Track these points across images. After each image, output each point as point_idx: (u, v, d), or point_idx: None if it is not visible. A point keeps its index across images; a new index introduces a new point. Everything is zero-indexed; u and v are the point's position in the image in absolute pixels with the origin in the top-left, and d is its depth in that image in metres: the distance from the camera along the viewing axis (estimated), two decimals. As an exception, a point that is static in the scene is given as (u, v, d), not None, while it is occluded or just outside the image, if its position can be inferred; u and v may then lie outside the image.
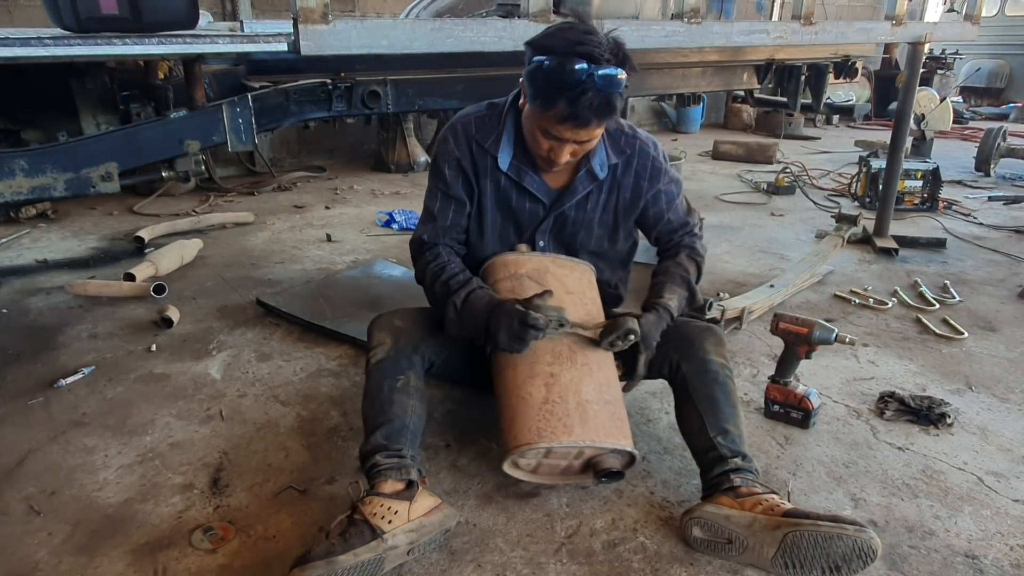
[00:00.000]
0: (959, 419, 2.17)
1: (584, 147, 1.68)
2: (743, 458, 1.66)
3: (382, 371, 1.75)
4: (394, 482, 1.58)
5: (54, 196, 2.01)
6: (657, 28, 2.36)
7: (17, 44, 1.55)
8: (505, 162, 1.80)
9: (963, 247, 3.91)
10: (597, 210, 1.88)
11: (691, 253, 1.95)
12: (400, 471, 1.60)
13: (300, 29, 1.72)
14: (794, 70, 3.62)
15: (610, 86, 1.53)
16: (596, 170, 1.81)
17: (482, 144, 1.80)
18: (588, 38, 1.54)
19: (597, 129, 1.63)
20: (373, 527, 1.48)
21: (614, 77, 1.53)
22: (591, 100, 1.52)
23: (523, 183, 1.82)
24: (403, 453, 1.64)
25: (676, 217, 1.96)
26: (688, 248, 1.96)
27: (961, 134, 7.78)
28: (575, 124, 1.57)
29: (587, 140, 1.65)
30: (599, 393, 1.67)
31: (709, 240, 3.88)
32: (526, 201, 1.86)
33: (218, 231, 4.10)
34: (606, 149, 1.81)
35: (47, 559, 1.58)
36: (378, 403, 1.71)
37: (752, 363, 2.51)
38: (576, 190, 1.83)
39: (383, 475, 1.59)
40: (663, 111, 8.36)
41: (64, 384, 2.31)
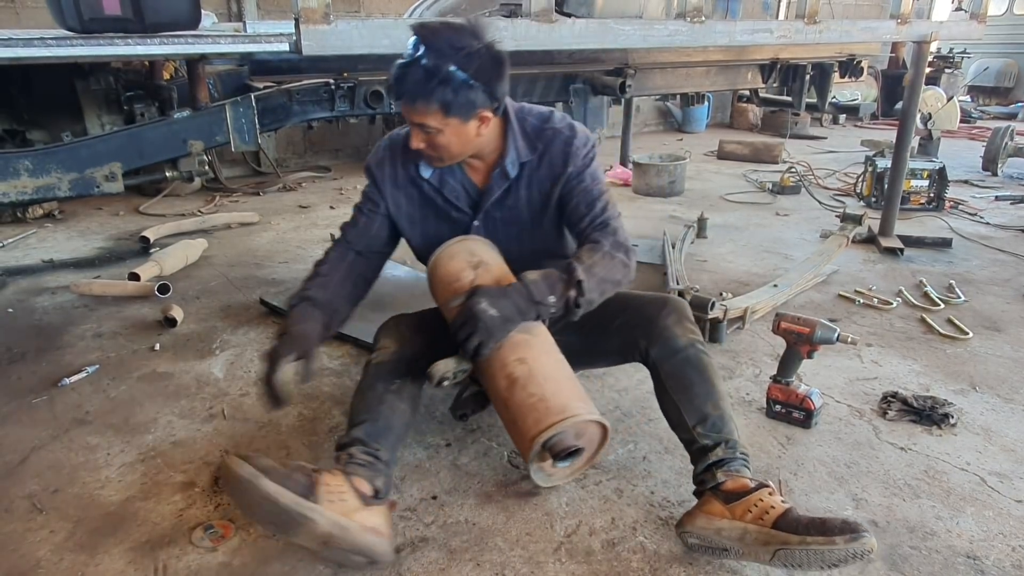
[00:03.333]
0: (962, 419, 2.16)
1: (434, 140, 1.65)
2: (727, 444, 1.63)
3: (379, 373, 1.75)
4: (362, 480, 1.55)
5: (58, 196, 2.02)
6: (660, 27, 2.36)
7: (21, 45, 1.56)
8: (428, 170, 1.81)
9: (969, 247, 3.89)
10: (520, 208, 1.84)
11: (593, 247, 1.71)
12: (371, 472, 1.58)
13: (302, 29, 1.73)
14: (799, 69, 3.60)
15: (430, 72, 1.55)
16: (508, 169, 1.78)
17: (406, 154, 1.79)
18: (445, 30, 1.59)
19: (420, 112, 1.60)
20: (317, 494, 1.45)
21: (441, 69, 1.55)
22: (409, 76, 1.56)
23: (445, 193, 1.83)
24: (380, 456, 1.62)
25: (584, 205, 1.77)
26: (591, 242, 1.72)
27: (968, 133, 7.74)
28: (392, 94, 1.63)
29: (422, 124, 1.62)
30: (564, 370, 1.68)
31: (714, 240, 3.93)
32: (452, 209, 1.85)
33: (223, 231, 4.11)
34: (516, 148, 1.77)
35: (49, 556, 1.59)
36: (368, 400, 1.71)
37: (755, 363, 2.51)
38: (492, 190, 1.81)
39: (354, 470, 1.56)
40: (668, 111, 8.35)
41: (68, 383, 2.32)
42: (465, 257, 1.75)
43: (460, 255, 1.76)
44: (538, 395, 1.58)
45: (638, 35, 2.32)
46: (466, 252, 1.77)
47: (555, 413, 1.55)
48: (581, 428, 1.62)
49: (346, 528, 1.45)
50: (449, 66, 1.55)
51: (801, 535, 1.45)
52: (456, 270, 1.73)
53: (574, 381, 1.67)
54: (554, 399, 1.57)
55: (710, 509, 1.57)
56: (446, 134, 1.64)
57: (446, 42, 1.57)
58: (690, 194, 5.11)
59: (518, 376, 1.60)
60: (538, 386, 1.59)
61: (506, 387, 1.61)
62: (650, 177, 5.07)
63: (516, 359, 1.61)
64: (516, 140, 1.78)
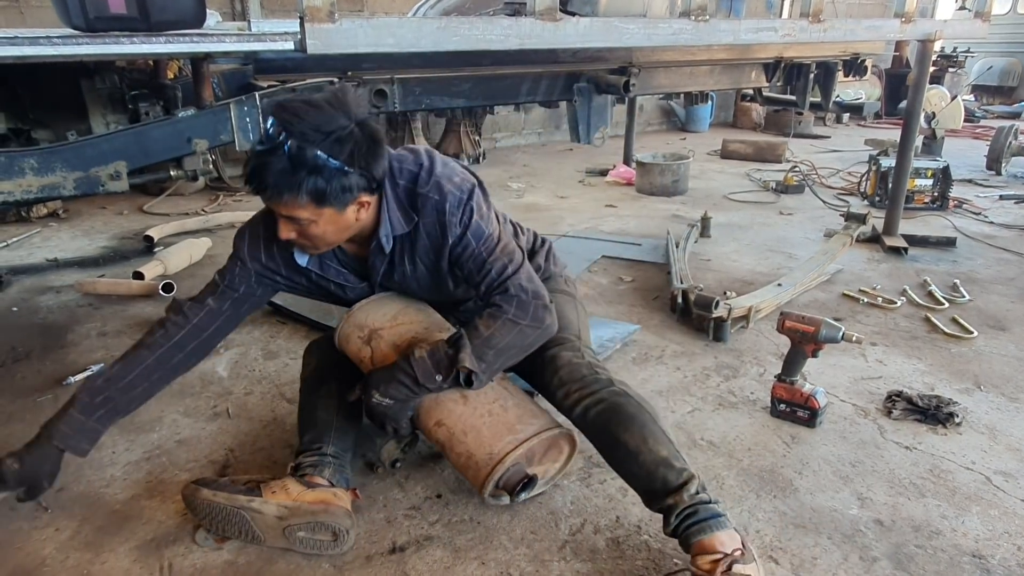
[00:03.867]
0: (967, 418, 2.16)
1: (307, 231, 1.50)
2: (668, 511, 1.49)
3: (307, 388, 1.85)
4: (311, 477, 1.63)
5: (63, 195, 2.01)
6: (664, 26, 2.35)
7: (27, 43, 1.56)
8: (303, 260, 1.67)
9: (973, 246, 3.88)
10: (409, 279, 1.75)
11: (494, 312, 1.60)
12: (316, 468, 1.65)
13: (307, 28, 1.73)
14: (803, 68, 3.60)
15: (297, 161, 1.40)
16: (383, 243, 1.63)
17: (278, 242, 1.60)
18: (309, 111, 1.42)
19: (286, 205, 1.45)
20: (256, 486, 1.59)
21: (307, 155, 1.40)
22: (271, 166, 1.40)
23: (329, 276, 1.73)
24: (324, 451, 1.69)
25: (477, 270, 1.64)
26: (492, 307, 1.62)
27: (972, 133, 7.72)
28: (254, 190, 1.45)
29: (290, 216, 1.47)
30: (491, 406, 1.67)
31: (718, 239, 3.93)
32: (345, 288, 1.77)
33: (227, 230, 4.11)
34: (391, 221, 1.61)
35: (54, 555, 1.60)
36: (305, 413, 1.81)
37: (759, 362, 2.50)
38: (375, 266, 1.71)
39: (304, 471, 1.65)
40: (671, 110, 8.34)
41: (73, 381, 2.32)
42: (356, 334, 1.75)
43: (351, 335, 1.76)
44: (464, 453, 1.63)
45: (642, 34, 2.31)
46: (355, 328, 1.76)
47: (484, 466, 1.59)
48: (527, 453, 1.64)
49: (289, 507, 1.55)
50: (317, 152, 1.40)
51: None
52: (355, 352, 1.77)
53: (497, 413, 1.64)
54: (479, 451, 1.61)
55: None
56: (320, 224, 1.49)
57: (310, 126, 1.40)
58: (694, 193, 5.11)
59: (442, 441, 1.66)
60: (461, 444, 1.63)
61: (441, 451, 1.70)
62: (653, 176, 5.07)
63: (434, 424, 1.66)
64: (390, 212, 1.60)
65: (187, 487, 1.60)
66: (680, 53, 3.11)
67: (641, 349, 2.60)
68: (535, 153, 6.93)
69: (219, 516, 1.56)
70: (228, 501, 1.55)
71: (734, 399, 2.26)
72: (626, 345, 2.62)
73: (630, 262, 3.57)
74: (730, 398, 2.27)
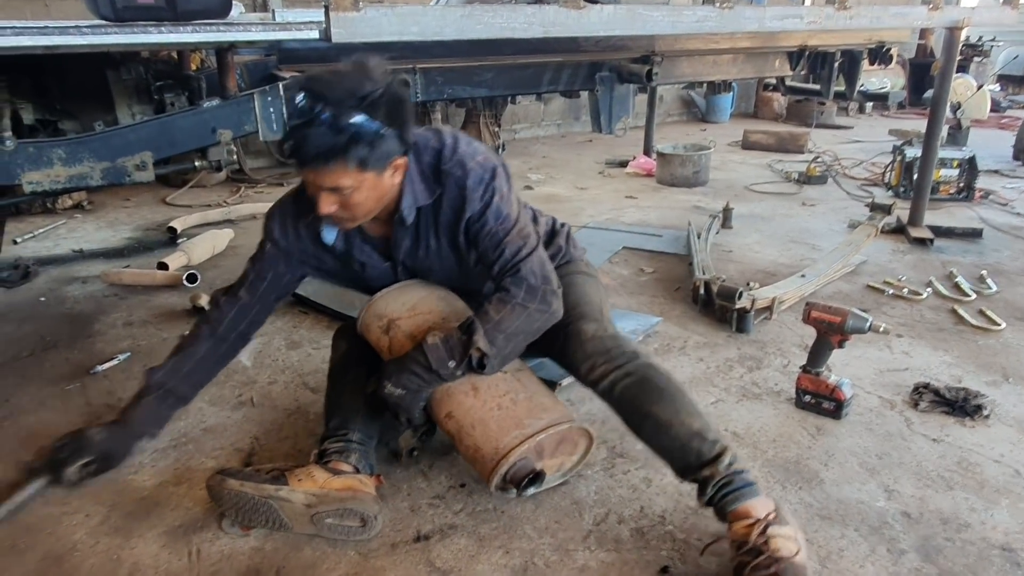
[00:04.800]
0: (996, 411, 2.13)
1: (348, 200, 1.51)
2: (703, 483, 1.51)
3: (334, 373, 1.87)
4: (336, 463, 1.66)
5: (91, 184, 2.04)
6: (688, 14, 2.33)
7: (57, 33, 1.57)
8: (331, 237, 1.70)
9: (1000, 237, 3.82)
10: (432, 255, 1.74)
11: (503, 297, 1.60)
12: (343, 454, 1.67)
13: (331, 16, 1.73)
14: (827, 56, 3.55)
15: (337, 128, 1.40)
16: (405, 216, 1.63)
17: (306, 220, 1.68)
18: (338, 79, 1.43)
19: (332, 174, 1.46)
20: (283, 475, 1.60)
21: (345, 123, 1.41)
22: (313, 139, 1.41)
23: (353, 254, 1.74)
24: (349, 437, 1.70)
25: (491, 250, 1.64)
26: (502, 291, 1.61)
27: (998, 123, 7.59)
28: (298, 163, 1.46)
29: (334, 187, 1.48)
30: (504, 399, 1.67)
31: (740, 230, 3.89)
32: (367, 268, 1.78)
33: (248, 221, 4.14)
34: (414, 192, 1.62)
35: (84, 540, 1.62)
36: (331, 400, 1.82)
37: (783, 353, 2.48)
38: (398, 240, 1.71)
39: (329, 458, 1.67)
40: (692, 101, 8.28)
41: (100, 370, 2.35)
42: (375, 323, 1.76)
43: (371, 324, 1.77)
44: (472, 446, 1.63)
45: (667, 21, 2.29)
46: (375, 318, 1.76)
47: (489, 460, 1.59)
48: (536, 448, 1.63)
49: (316, 494, 1.58)
50: (355, 117, 1.41)
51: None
52: (375, 341, 1.77)
53: (505, 409, 1.63)
54: (486, 445, 1.61)
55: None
56: (362, 190, 1.50)
57: (344, 92, 1.41)
58: (715, 184, 5.07)
59: (452, 433, 1.67)
60: (469, 437, 1.63)
61: (452, 443, 1.71)
62: (674, 167, 5.03)
63: (444, 416, 1.67)
64: (413, 183, 1.62)
65: (212, 478, 1.61)
66: (703, 41, 3.08)
67: (663, 340, 2.59)
68: (554, 144, 6.91)
69: (247, 506, 1.57)
70: (256, 491, 1.56)
71: (758, 390, 2.25)
72: (648, 336, 2.61)
73: (651, 253, 3.55)
74: (754, 389, 2.26)
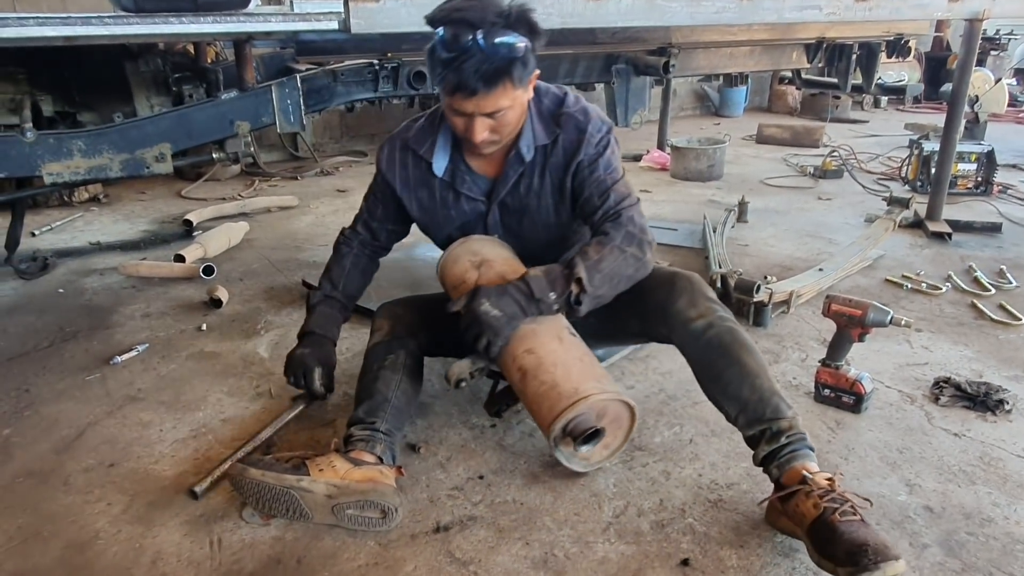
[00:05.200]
0: (1018, 406, 2.10)
1: (501, 121, 1.59)
2: (770, 433, 1.57)
3: (374, 353, 1.84)
4: (360, 452, 1.65)
5: (110, 176, 2.05)
6: (707, 4, 2.32)
7: (79, 23, 1.59)
8: (440, 167, 1.77)
9: (1019, 232, 3.78)
10: (532, 195, 1.79)
11: (602, 240, 1.66)
12: (367, 443, 1.67)
13: (351, 7, 1.73)
14: (845, 49, 3.52)
15: (495, 50, 1.47)
16: (523, 152, 1.71)
17: (417, 152, 1.78)
18: (471, 4, 1.49)
19: (495, 96, 1.53)
20: (303, 464, 1.59)
21: (500, 42, 1.47)
22: (475, 66, 1.46)
23: (457, 187, 1.80)
24: (376, 427, 1.70)
25: (597, 195, 1.71)
26: (601, 235, 1.68)
27: (1016, 117, 7.51)
28: (463, 93, 1.51)
29: (494, 111, 1.56)
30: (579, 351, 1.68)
31: (755, 224, 3.87)
32: (465, 204, 1.82)
33: (263, 214, 4.16)
34: (533, 130, 1.71)
35: (107, 528, 1.63)
36: (365, 382, 1.80)
37: (801, 347, 2.47)
38: (507, 176, 1.76)
39: (352, 445, 1.67)
40: (705, 95, 8.23)
41: (119, 361, 2.37)
42: (467, 258, 1.76)
43: (463, 257, 1.77)
44: (549, 383, 1.59)
45: (685, 12, 2.28)
46: (468, 253, 1.77)
47: (566, 397, 1.56)
48: (600, 408, 1.62)
49: (342, 486, 1.57)
50: (505, 37, 1.47)
51: (817, 555, 1.42)
52: (460, 272, 1.75)
53: (587, 362, 1.65)
54: (565, 384, 1.58)
55: (773, 505, 1.58)
56: (515, 108, 1.59)
57: (486, 14, 1.47)
58: (729, 178, 5.04)
59: (528, 367, 1.62)
60: (548, 374, 1.60)
61: (519, 379, 1.64)
62: (688, 161, 5.01)
63: (524, 350, 1.63)
64: (533, 121, 1.72)
65: (233, 467, 1.62)
66: (720, 33, 3.06)
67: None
68: (567, 138, 6.87)
69: (268, 496, 1.57)
70: (277, 481, 1.56)
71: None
72: (665, 329, 2.60)
73: (667, 247, 3.53)
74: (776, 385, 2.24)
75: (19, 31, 1.55)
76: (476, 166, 1.79)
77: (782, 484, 1.54)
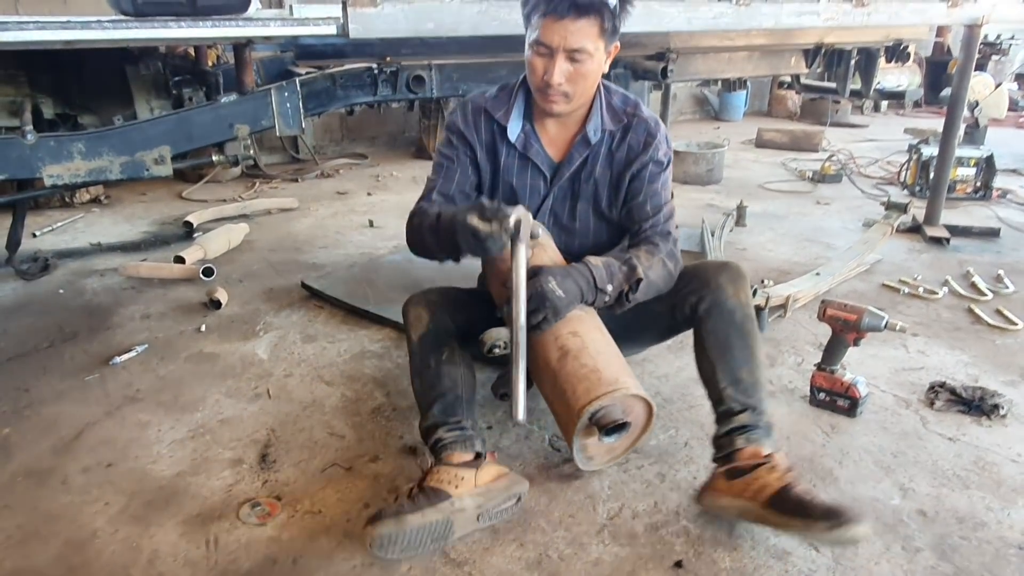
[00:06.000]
0: (1013, 410, 2.11)
1: (578, 71, 1.62)
2: (753, 411, 1.64)
3: (425, 346, 1.76)
4: (461, 453, 1.64)
5: (110, 179, 2.06)
6: (705, 9, 2.33)
7: (79, 27, 1.60)
8: (514, 133, 1.80)
9: (1018, 236, 3.79)
10: (591, 182, 1.84)
11: (652, 249, 1.75)
12: (465, 443, 1.66)
13: (349, 12, 1.74)
14: (844, 54, 3.53)
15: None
16: (590, 135, 1.78)
17: (492, 115, 1.81)
18: None
19: (581, 29, 1.57)
20: (440, 491, 1.55)
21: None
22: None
23: (528, 154, 1.82)
24: (464, 425, 1.69)
25: (651, 205, 1.81)
26: (650, 244, 1.77)
27: (1016, 122, 7.51)
28: (554, 16, 1.56)
29: (576, 49, 1.58)
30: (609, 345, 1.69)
31: (754, 228, 3.88)
32: (527, 177, 1.85)
33: (263, 216, 4.17)
34: (602, 115, 1.78)
35: (105, 527, 1.64)
36: (428, 379, 1.74)
37: (797, 351, 2.48)
38: (572, 158, 1.81)
39: (448, 448, 1.64)
40: (705, 99, 8.24)
41: (119, 361, 2.38)
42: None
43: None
44: (591, 366, 1.59)
45: (682, 18, 2.30)
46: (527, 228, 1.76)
47: (607, 384, 1.56)
48: (629, 404, 1.62)
49: (485, 492, 1.59)
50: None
51: (784, 517, 1.47)
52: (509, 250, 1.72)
53: (623, 360, 1.67)
54: (607, 370, 1.59)
55: (716, 486, 1.63)
56: (593, 62, 1.63)
57: None
58: (728, 182, 5.05)
59: (571, 348, 1.62)
60: (590, 358, 1.60)
61: (558, 358, 1.62)
62: (687, 165, 5.02)
63: (569, 332, 1.63)
64: (602, 107, 1.78)
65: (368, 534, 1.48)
66: (718, 38, 3.07)
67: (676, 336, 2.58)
68: (567, 142, 6.89)
69: (414, 539, 1.49)
70: (424, 519, 1.49)
71: (772, 388, 2.24)
72: (662, 333, 2.61)
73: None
74: (768, 387, 2.25)
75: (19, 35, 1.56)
76: (545, 142, 1.83)
77: (736, 461, 1.60)
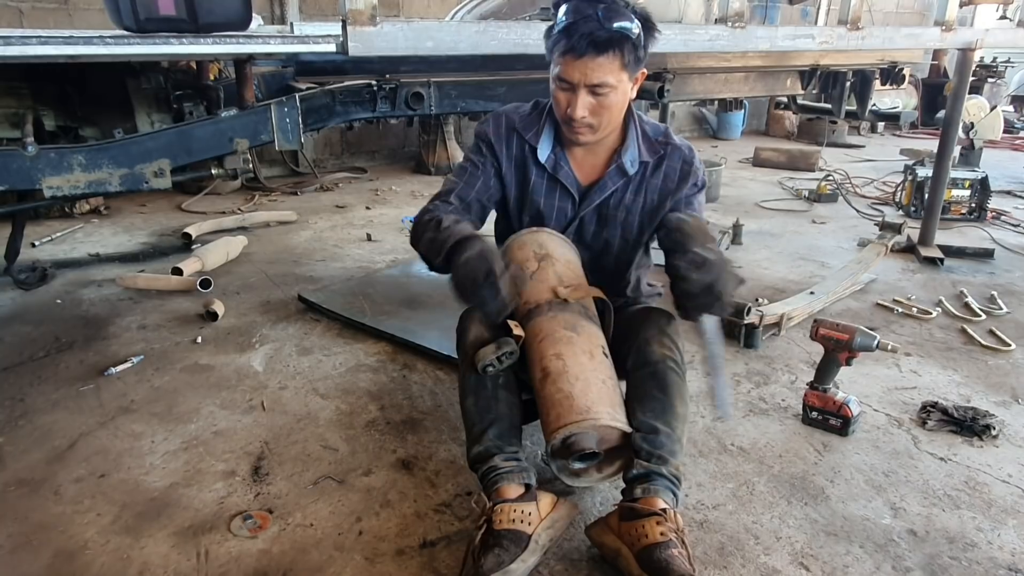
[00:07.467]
0: (1004, 431, 2.12)
1: (602, 103, 1.62)
2: (657, 459, 1.57)
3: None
4: (516, 486, 1.59)
5: (109, 191, 2.07)
6: (701, 32, 2.36)
7: (81, 42, 1.62)
8: (544, 154, 1.80)
9: (1012, 258, 3.81)
10: (623, 209, 1.83)
11: None
12: (520, 474, 1.61)
13: (349, 30, 1.76)
14: (839, 76, 3.56)
15: (610, 21, 1.54)
16: (627, 166, 1.77)
17: (523, 135, 1.81)
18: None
19: (602, 66, 1.57)
20: (520, 533, 1.52)
21: (616, 12, 1.55)
22: (589, 31, 1.54)
23: (558, 175, 1.81)
24: (518, 456, 1.65)
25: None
26: None
27: (1011, 144, 7.57)
28: (573, 55, 1.56)
29: (598, 84, 1.58)
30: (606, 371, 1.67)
31: (749, 246, 3.90)
32: (556, 199, 1.84)
33: (262, 229, 4.19)
34: (639, 147, 1.78)
35: (95, 538, 1.64)
36: (484, 400, 1.68)
37: (790, 369, 2.49)
38: (605, 185, 1.80)
39: (504, 479, 1.59)
40: (703, 117, 8.30)
41: (114, 372, 2.39)
42: (533, 248, 1.78)
43: (528, 245, 1.79)
44: (565, 392, 1.58)
45: (679, 39, 2.32)
46: (535, 244, 1.79)
47: (577, 412, 1.55)
48: (603, 433, 1.61)
49: (551, 525, 1.59)
50: (625, 20, 1.55)
51: (643, 573, 1.45)
52: (522, 258, 1.75)
53: (609, 386, 1.64)
54: (581, 399, 1.57)
55: (608, 522, 1.59)
56: (617, 93, 1.62)
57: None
58: (725, 200, 5.08)
59: (551, 371, 1.61)
60: (568, 383, 1.59)
61: (540, 379, 1.63)
62: (685, 183, 5.04)
63: (553, 354, 1.62)
64: (637, 137, 1.78)
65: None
66: (715, 59, 3.10)
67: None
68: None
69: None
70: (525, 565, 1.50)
71: (765, 406, 2.25)
72: (656, 350, 2.62)
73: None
74: (761, 405, 2.26)
75: (23, 50, 1.58)
76: (574, 165, 1.82)
77: (636, 505, 1.54)
